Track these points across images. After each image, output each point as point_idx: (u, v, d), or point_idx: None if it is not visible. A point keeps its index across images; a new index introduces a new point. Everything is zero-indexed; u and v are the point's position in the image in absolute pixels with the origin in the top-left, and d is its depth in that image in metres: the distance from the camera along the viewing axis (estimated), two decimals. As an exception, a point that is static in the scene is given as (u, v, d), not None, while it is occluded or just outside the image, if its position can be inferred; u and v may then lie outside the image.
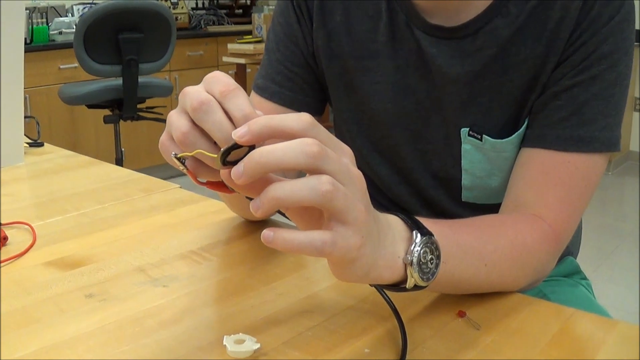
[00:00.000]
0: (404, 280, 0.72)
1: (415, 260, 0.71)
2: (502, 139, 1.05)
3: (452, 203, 1.16)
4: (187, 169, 0.67)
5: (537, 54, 1.00)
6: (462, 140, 1.08)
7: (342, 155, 0.65)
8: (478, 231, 0.91)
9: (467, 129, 1.07)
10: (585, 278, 1.32)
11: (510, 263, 0.90)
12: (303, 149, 0.60)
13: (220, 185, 0.69)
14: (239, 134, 0.61)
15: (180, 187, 1.38)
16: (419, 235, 0.72)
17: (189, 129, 0.65)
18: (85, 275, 0.97)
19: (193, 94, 0.65)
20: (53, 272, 0.98)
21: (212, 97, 0.65)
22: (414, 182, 1.17)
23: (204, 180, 0.69)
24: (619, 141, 1.00)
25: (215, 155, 0.64)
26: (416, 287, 0.73)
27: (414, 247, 0.71)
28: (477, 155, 1.08)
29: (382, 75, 1.11)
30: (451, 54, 1.04)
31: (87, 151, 4.75)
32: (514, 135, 1.04)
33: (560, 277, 1.25)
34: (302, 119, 0.63)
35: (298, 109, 1.15)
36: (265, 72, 1.19)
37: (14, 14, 1.48)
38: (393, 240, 0.71)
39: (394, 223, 0.73)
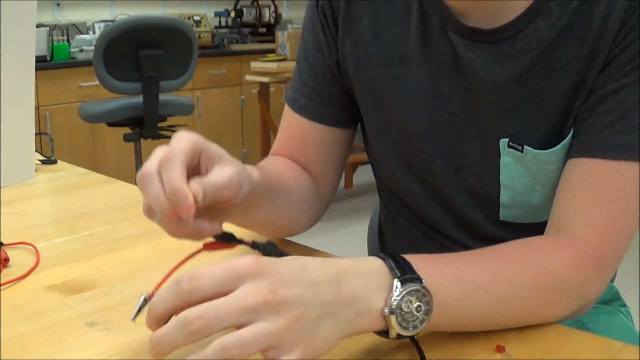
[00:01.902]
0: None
1: (394, 310, 0.70)
2: (545, 149, 0.98)
3: (489, 222, 1.08)
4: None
5: (582, 57, 0.93)
6: (501, 152, 1.01)
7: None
8: (488, 263, 0.84)
9: (507, 139, 0.99)
10: (624, 305, 1.25)
11: (532, 294, 0.83)
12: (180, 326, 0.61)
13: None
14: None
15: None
16: (399, 284, 0.71)
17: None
18: (89, 301, 0.91)
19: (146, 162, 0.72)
20: (54, 297, 0.93)
21: (152, 169, 0.71)
22: (447, 200, 1.10)
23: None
24: None
25: None
26: (401, 336, 0.72)
27: (393, 297, 0.71)
28: (517, 169, 1.01)
29: (414, 83, 1.04)
30: (489, 59, 0.97)
31: (107, 169, 4.76)
32: (558, 146, 0.97)
33: (600, 304, 1.18)
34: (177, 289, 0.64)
35: (327, 123, 1.14)
36: (295, 84, 1.17)
37: (26, 29, 1.46)
38: (370, 292, 0.71)
39: (374, 271, 0.73)
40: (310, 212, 1.14)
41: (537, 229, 1.00)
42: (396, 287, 0.71)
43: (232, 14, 6.30)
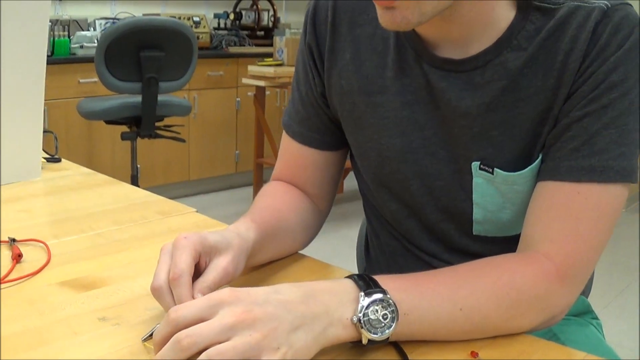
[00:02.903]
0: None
1: (362, 318, 0.80)
2: (514, 172, 1.04)
3: (462, 236, 1.15)
4: None
5: (548, 87, 0.99)
6: (473, 173, 1.08)
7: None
8: (452, 277, 0.92)
9: (479, 162, 1.06)
10: (596, 318, 1.31)
11: (495, 304, 0.90)
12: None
13: None
14: None
15: (197, 212, 1.38)
16: (364, 296, 0.82)
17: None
18: (100, 298, 0.97)
19: (156, 272, 0.88)
20: (67, 292, 0.99)
21: (163, 285, 0.86)
22: (423, 217, 1.17)
23: None
24: (636, 171, 0.97)
25: None
26: (373, 342, 0.82)
27: (360, 306, 0.81)
28: (488, 189, 1.08)
29: (391, 110, 1.12)
30: (461, 87, 1.04)
31: (102, 166, 4.78)
32: (526, 169, 1.04)
33: (571, 316, 1.25)
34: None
35: (318, 147, 1.23)
36: (289, 110, 1.26)
37: (38, 26, 1.49)
38: (339, 305, 0.81)
39: (344, 288, 0.84)
40: (310, 230, 1.24)
41: (508, 242, 1.09)
42: (363, 298, 0.81)
43: (231, 16, 6.31)
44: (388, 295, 0.82)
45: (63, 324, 0.89)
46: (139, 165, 4.52)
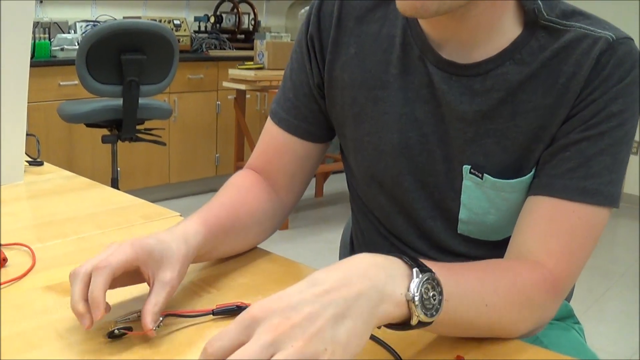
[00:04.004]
0: (409, 319, 0.76)
1: (417, 296, 0.75)
2: (503, 179, 1.07)
3: (448, 234, 1.17)
4: None
5: (546, 105, 1.02)
6: (463, 176, 1.10)
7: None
8: (478, 272, 0.92)
9: (469, 166, 1.09)
10: (577, 322, 1.34)
11: (510, 305, 0.91)
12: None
13: None
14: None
15: (181, 216, 1.38)
16: (419, 272, 0.77)
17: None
18: (85, 302, 0.96)
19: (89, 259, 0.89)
20: (53, 297, 0.99)
21: (84, 271, 0.87)
22: (412, 213, 1.19)
23: None
24: (619, 198, 1.02)
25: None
26: (420, 324, 0.76)
27: (413, 283, 0.76)
28: (476, 192, 1.10)
29: (392, 106, 1.13)
30: (461, 91, 1.06)
31: (82, 169, 4.76)
32: (515, 180, 1.06)
33: (554, 320, 1.26)
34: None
35: (302, 136, 1.24)
36: (278, 98, 1.27)
37: (21, 28, 1.49)
38: (390, 279, 0.75)
39: (390, 263, 0.78)
40: (270, 223, 1.24)
41: (492, 246, 1.13)
42: (417, 275, 0.76)
43: (212, 20, 6.31)
44: (436, 275, 0.78)
45: (50, 327, 0.89)
46: (119, 169, 4.50)
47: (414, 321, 0.76)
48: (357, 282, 0.73)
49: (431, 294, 0.77)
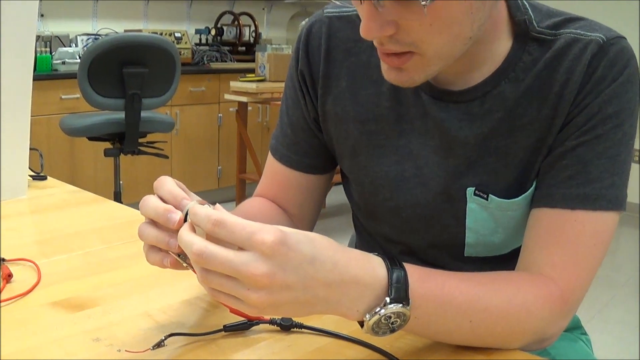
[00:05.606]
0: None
1: (374, 322, 0.79)
2: (508, 199, 1.06)
3: (453, 259, 1.16)
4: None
5: (543, 116, 1.01)
6: (467, 199, 1.09)
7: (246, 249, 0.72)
8: (472, 288, 0.90)
9: (473, 188, 1.08)
10: (585, 333, 1.33)
11: (504, 321, 0.90)
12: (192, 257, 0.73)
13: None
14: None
15: (186, 229, 1.37)
16: (389, 304, 0.79)
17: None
18: (92, 318, 0.96)
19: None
20: (59, 313, 0.98)
21: (150, 195, 0.85)
22: (414, 242, 1.18)
23: None
24: (625, 200, 1.00)
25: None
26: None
27: (380, 313, 0.79)
28: (482, 214, 1.09)
29: (385, 139, 1.13)
30: (460, 118, 1.05)
31: (85, 183, 4.75)
32: (520, 197, 1.05)
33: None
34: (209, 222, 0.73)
35: (305, 170, 1.23)
36: (277, 133, 1.26)
37: (24, 43, 1.48)
38: (358, 298, 0.78)
39: (372, 281, 0.80)
40: None
41: (498, 261, 1.12)
42: (384, 307, 0.79)
43: (213, 32, 6.32)
44: (408, 308, 0.80)
45: (57, 344, 0.88)
46: (122, 182, 4.50)
47: (363, 330, 0.81)
48: (335, 290, 0.76)
49: (391, 321, 0.80)
